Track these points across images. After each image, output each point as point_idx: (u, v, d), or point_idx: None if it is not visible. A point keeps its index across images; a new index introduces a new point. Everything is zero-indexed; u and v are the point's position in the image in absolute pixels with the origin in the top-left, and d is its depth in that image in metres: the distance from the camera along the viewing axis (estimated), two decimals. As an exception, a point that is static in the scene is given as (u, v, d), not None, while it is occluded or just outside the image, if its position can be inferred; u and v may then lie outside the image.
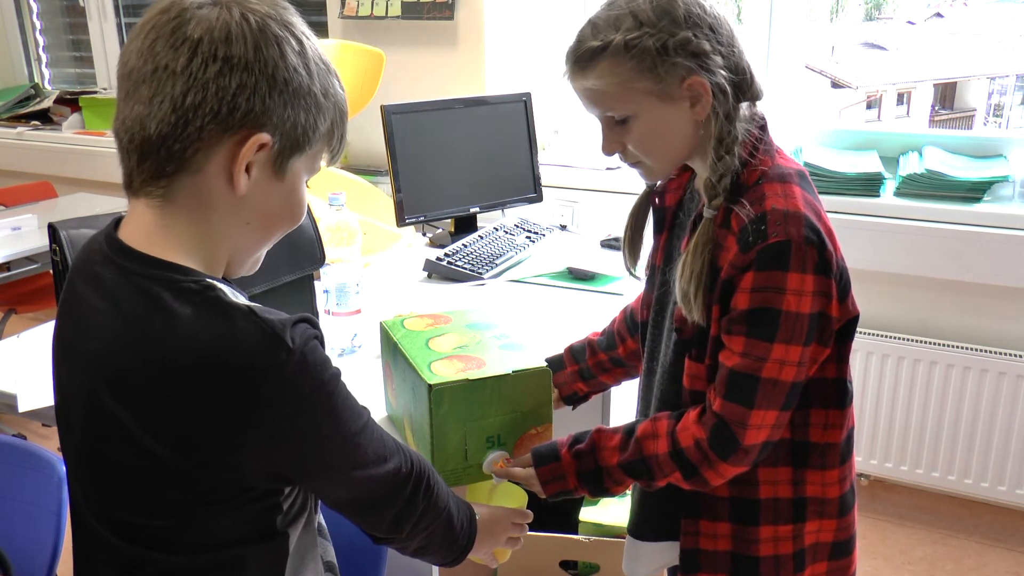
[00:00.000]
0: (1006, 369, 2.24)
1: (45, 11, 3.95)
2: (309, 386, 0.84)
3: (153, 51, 0.81)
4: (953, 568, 2.29)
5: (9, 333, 2.34)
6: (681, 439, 1.11)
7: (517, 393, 1.21)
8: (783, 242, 1.01)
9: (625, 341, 1.44)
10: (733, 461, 1.08)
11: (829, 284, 1.04)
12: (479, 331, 1.32)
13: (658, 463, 1.12)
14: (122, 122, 0.84)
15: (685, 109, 1.06)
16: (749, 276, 1.03)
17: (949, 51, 3.13)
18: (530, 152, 2.43)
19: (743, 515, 1.16)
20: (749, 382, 1.05)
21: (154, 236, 0.87)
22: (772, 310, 1.03)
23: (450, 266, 2.08)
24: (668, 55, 1.03)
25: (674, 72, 1.04)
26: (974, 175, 2.24)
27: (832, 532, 1.18)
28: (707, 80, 1.04)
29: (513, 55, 2.75)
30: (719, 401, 1.08)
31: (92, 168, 3.44)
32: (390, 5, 2.75)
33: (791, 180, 1.07)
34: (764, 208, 1.03)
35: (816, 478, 1.15)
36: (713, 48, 1.04)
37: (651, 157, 1.12)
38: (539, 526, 1.78)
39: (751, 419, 1.05)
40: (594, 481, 1.17)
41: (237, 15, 0.81)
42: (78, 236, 1.32)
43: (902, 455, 2.39)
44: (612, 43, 1.04)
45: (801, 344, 1.04)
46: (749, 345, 1.05)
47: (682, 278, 1.08)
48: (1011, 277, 2.18)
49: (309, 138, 0.88)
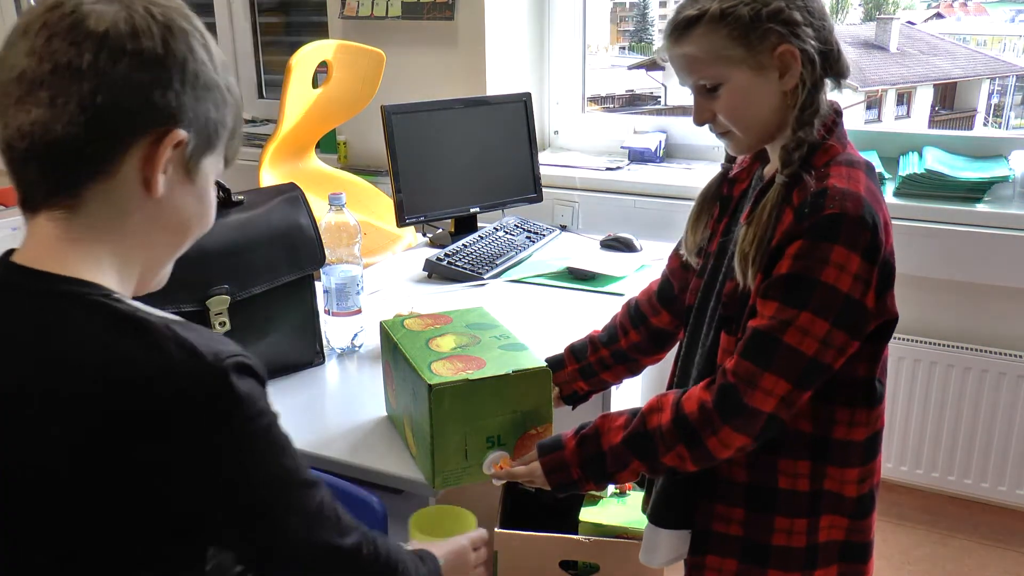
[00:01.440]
0: (1006, 369, 2.24)
1: (45, 11, 3.94)
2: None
3: (50, 49, 0.74)
4: (953, 568, 2.29)
5: (9, 333, 2.33)
6: (685, 406, 1.10)
7: (517, 393, 1.21)
8: (837, 215, 1.03)
9: (628, 333, 1.44)
10: (737, 425, 1.07)
11: (872, 272, 1.05)
12: (479, 331, 1.33)
13: (661, 434, 1.11)
14: (16, 130, 0.75)
15: (774, 80, 1.10)
16: (797, 244, 1.05)
17: (949, 51, 3.13)
18: (530, 152, 2.43)
19: (760, 503, 1.16)
20: (768, 343, 1.05)
21: (58, 252, 0.78)
22: (810, 279, 1.04)
23: (450, 266, 2.08)
24: (761, 23, 1.07)
25: (766, 40, 1.08)
26: (974, 175, 2.24)
27: (844, 530, 1.18)
28: (797, 49, 1.08)
29: (513, 55, 2.75)
30: (735, 359, 1.08)
31: (92, 168, 3.44)
32: (390, 5, 2.75)
33: (858, 167, 1.10)
34: (826, 185, 1.06)
35: (835, 474, 1.15)
36: (804, 19, 1.09)
37: (739, 126, 1.14)
38: (539, 526, 1.78)
39: (762, 380, 1.05)
40: (597, 466, 1.15)
41: (140, 9, 0.76)
42: (78, 236, 1.32)
43: (902, 455, 2.39)
44: (708, 11, 1.09)
45: (829, 322, 1.04)
46: (779, 310, 1.05)
47: (744, 240, 1.10)
48: (1011, 277, 2.18)
49: (219, 134, 0.84)
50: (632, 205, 2.53)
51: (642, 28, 3.39)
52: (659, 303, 1.43)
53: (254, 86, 3.45)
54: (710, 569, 1.21)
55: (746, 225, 1.12)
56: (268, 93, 3.48)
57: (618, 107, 3.31)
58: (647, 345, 1.44)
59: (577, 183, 2.61)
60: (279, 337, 1.52)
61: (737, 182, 1.27)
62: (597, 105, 3.09)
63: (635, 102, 3.39)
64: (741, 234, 1.12)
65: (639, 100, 3.41)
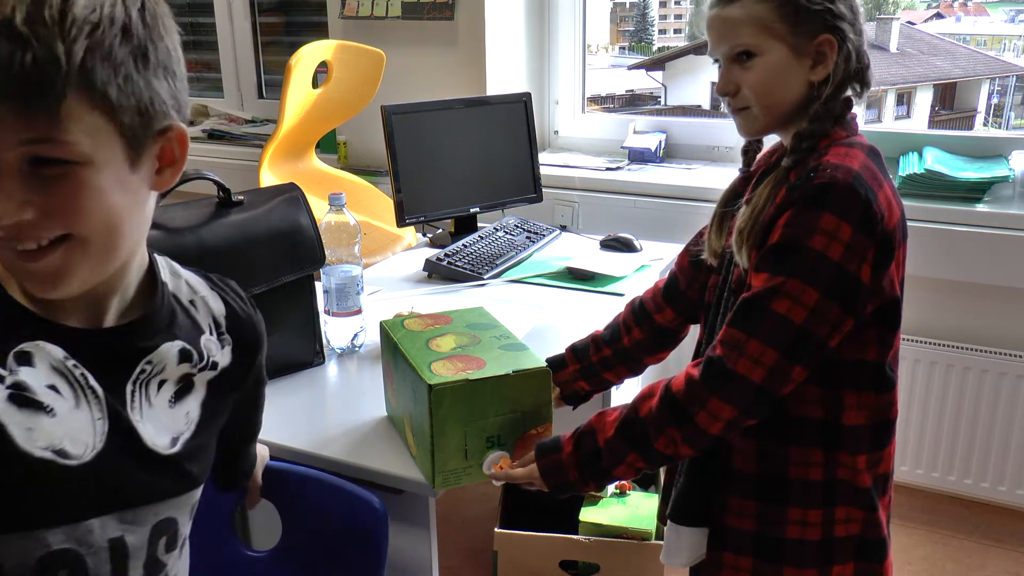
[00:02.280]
0: (1006, 369, 2.24)
1: (45, 11, 3.94)
2: None
3: None
4: (953, 568, 2.29)
5: (9, 333, 2.34)
6: (673, 385, 1.11)
7: (517, 393, 1.21)
8: (825, 183, 1.04)
9: (631, 331, 1.44)
10: (724, 395, 1.06)
11: (867, 245, 1.05)
12: (479, 331, 1.33)
13: (652, 417, 1.11)
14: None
15: (806, 67, 1.12)
16: (787, 214, 1.06)
17: (949, 51, 3.13)
18: (530, 152, 2.43)
19: (771, 494, 1.15)
20: (755, 311, 1.05)
21: None
22: (798, 244, 1.04)
23: (450, 266, 2.08)
24: (813, 6, 1.10)
25: (811, 26, 1.10)
26: (974, 175, 2.24)
27: (860, 524, 1.17)
28: (836, 41, 1.11)
29: (513, 55, 2.75)
30: (723, 330, 1.08)
31: (92, 168, 3.44)
32: (390, 5, 2.75)
33: (857, 148, 1.12)
34: (822, 160, 1.08)
35: (848, 461, 1.14)
36: (850, 17, 1.12)
37: (760, 103, 1.15)
38: (539, 526, 1.78)
39: (748, 347, 1.05)
40: (593, 463, 1.15)
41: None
42: (78, 236, 1.32)
43: (902, 455, 2.39)
44: None
45: (819, 291, 1.03)
46: (768, 279, 1.05)
47: (740, 219, 1.12)
48: (1011, 277, 2.18)
49: None
50: (632, 205, 2.53)
51: (642, 28, 3.38)
52: (664, 300, 1.43)
53: (254, 86, 3.45)
54: (727, 567, 1.20)
55: (745, 204, 1.13)
56: (268, 93, 3.48)
57: (618, 107, 3.30)
58: (650, 343, 1.44)
59: (577, 183, 2.61)
60: (279, 337, 1.52)
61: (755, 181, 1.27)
62: (597, 105, 3.09)
63: (635, 102, 3.39)
64: (740, 214, 1.13)
65: (639, 100, 3.41)
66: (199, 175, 1.44)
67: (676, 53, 3.22)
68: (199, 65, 3.66)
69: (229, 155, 3.16)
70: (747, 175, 1.28)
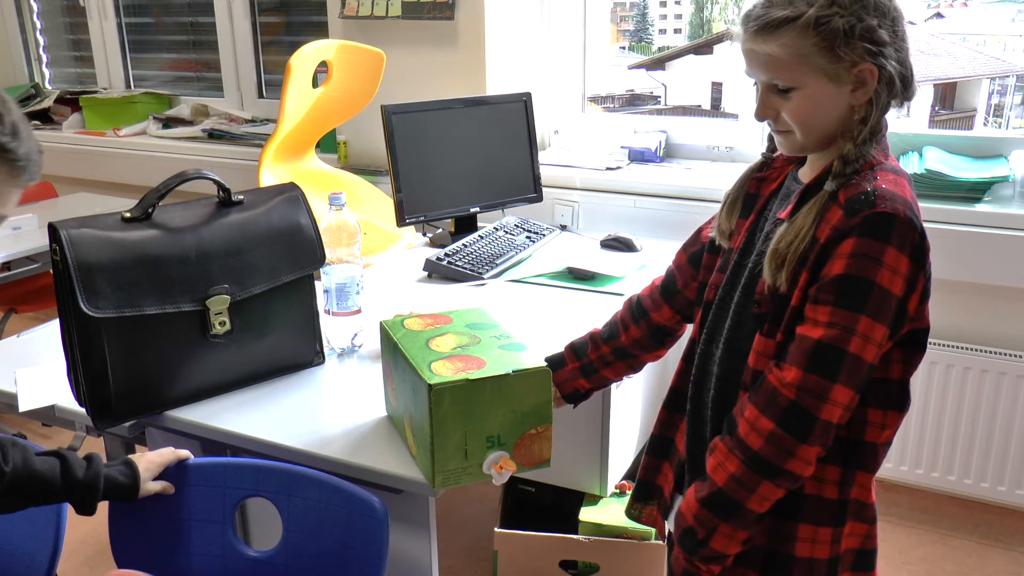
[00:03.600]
0: (1006, 369, 2.24)
1: (45, 11, 3.95)
2: None
3: None
4: (953, 568, 2.29)
5: (9, 333, 2.34)
6: (751, 443, 1.08)
7: (517, 393, 1.21)
8: (889, 214, 1.03)
9: (628, 328, 1.44)
10: (813, 440, 1.05)
11: (919, 276, 1.06)
12: (479, 331, 1.33)
13: (738, 484, 1.09)
14: None
15: (847, 92, 1.10)
16: (849, 242, 1.04)
17: (949, 51, 3.13)
18: (530, 152, 2.43)
19: (784, 509, 1.14)
20: (835, 354, 1.04)
21: None
22: (866, 280, 1.03)
23: (450, 266, 2.08)
24: (852, 38, 1.06)
25: (850, 55, 1.07)
26: (974, 175, 2.24)
27: (860, 538, 1.17)
28: (877, 68, 1.08)
29: (513, 55, 2.75)
30: (797, 373, 1.06)
31: (92, 168, 3.44)
32: (390, 5, 2.75)
33: (903, 177, 1.11)
34: (876, 184, 1.06)
35: (864, 480, 1.14)
36: (891, 40, 1.08)
37: (801, 129, 1.14)
38: (539, 526, 1.78)
39: (832, 393, 1.04)
40: (690, 537, 1.14)
41: None
42: (78, 236, 1.32)
43: (902, 455, 2.39)
44: (803, 16, 1.07)
45: (886, 324, 1.04)
46: (836, 315, 1.04)
47: (779, 240, 1.10)
48: (1011, 277, 2.18)
49: None
50: (632, 205, 2.53)
51: (642, 28, 3.38)
52: (661, 297, 1.43)
53: (254, 86, 3.46)
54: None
55: (786, 223, 1.11)
56: (268, 93, 3.48)
57: (618, 107, 3.30)
58: (647, 340, 1.44)
59: (577, 183, 2.61)
60: (279, 337, 1.52)
61: (766, 181, 1.27)
62: (597, 105, 3.09)
63: (635, 102, 3.39)
64: (779, 233, 1.11)
65: (639, 100, 3.40)
66: (199, 175, 1.44)
67: (676, 53, 3.22)
68: (199, 65, 3.67)
69: (229, 155, 3.16)
70: (761, 166, 1.28)
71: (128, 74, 3.81)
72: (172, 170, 1.44)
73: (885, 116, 1.12)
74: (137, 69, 3.81)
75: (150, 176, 2.33)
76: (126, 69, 3.80)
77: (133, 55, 3.79)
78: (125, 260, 1.34)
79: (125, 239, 1.35)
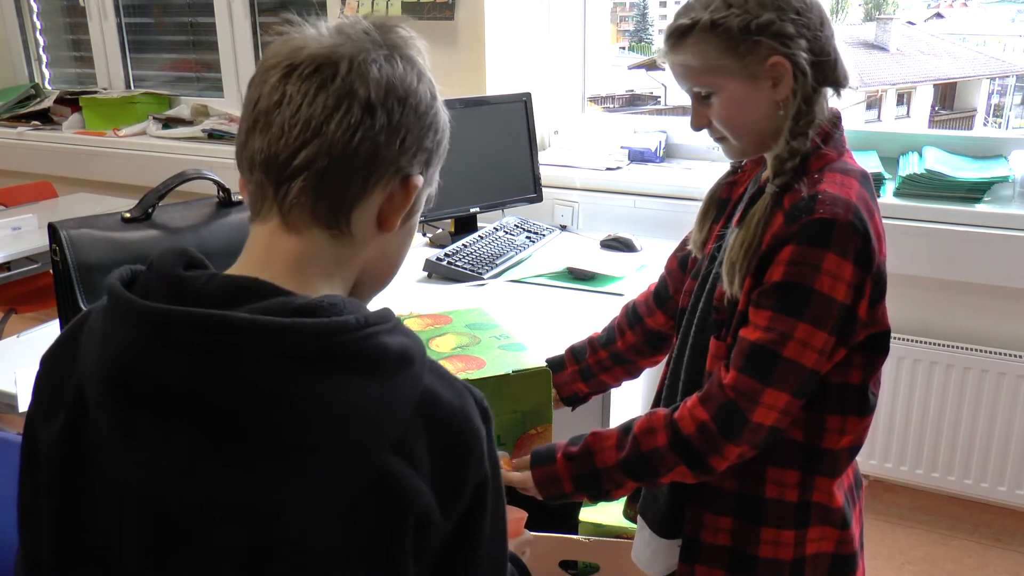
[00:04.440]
0: (1006, 369, 2.24)
1: (45, 11, 3.95)
2: None
3: None
4: (953, 568, 2.28)
5: (9, 333, 2.34)
6: (682, 427, 1.09)
7: (517, 393, 1.21)
8: (828, 220, 1.03)
9: (625, 334, 1.44)
10: (739, 441, 1.07)
11: (865, 280, 1.05)
12: (479, 331, 1.33)
13: (659, 457, 1.11)
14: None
15: (767, 89, 1.09)
16: (788, 249, 1.04)
17: (949, 51, 3.13)
18: (530, 152, 2.43)
19: (747, 512, 1.15)
20: (769, 357, 1.04)
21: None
22: (804, 287, 1.03)
23: (450, 266, 2.08)
24: (750, 35, 1.07)
25: (757, 51, 1.08)
26: (974, 175, 2.24)
27: (833, 542, 1.17)
28: (788, 61, 1.07)
29: (513, 55, 2.75)
30: (733, 374, 1.07)
31: (92, 168, 3.44)
32: (390, 5, 2.75)
33: (852, 175, 1.10)
34: (817, 189, 1.06)
35: (825, 485, 1.14)
36: (797, 31, 1.08)
37: (733, 133, 1.15)
38: (539, 526, 1.77)
39: (764, 397, 1.05)
40: (592, 484, 1.16)
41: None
42: (78, 236, 1.32)
43: (902, 455, 2.39)
44: (700, 22, 1.09)
45: (827, 331, 1.04)
46: (775, 320, 1.04)
47: (732, 249, 1.10)
48: (1011, 277, 2.18)
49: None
50: (632, 205, 2.53)
51: (642, 28, 3.39)
52: (654, 303, 1.43)
53: (254, 86, 3.45)
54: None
55: (736, 231, 1.12)
56: (268, 93, 3.47)
57: (618, 107, 3.31)
58: (643, 346, 1.44)
59: (577, 183, 2.61)
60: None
61: (736, 185, 1.27)
62: (597, 105, 3.09)
63: (635, 102, 3.39)
64: (730, 240, 1.11)
65: (639, 100, 3.41)
66: (199, 175, 1.44)
67: (676, 53, 3.22)
68: (199, 65, 3.66)
69: (229, 155, 3.14)
70: (733, 173, 1.29)
71: (128, 74, 3.80)
72: (172, 170, 1.44)
73: (819, 107, 1.11)
74: (137, 69, 3.80)
75: (150, 176, 2.33)
76: (126, 69, 3.79)
77: (133, 55, 3.79)
78: (125, 260, 1.34)
79: (125, 239, 1.35)
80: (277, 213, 0.75)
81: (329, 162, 0.72)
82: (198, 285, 0.71)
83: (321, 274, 0.75)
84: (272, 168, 0.74)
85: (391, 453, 0.67)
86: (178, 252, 0.75)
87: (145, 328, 0.67)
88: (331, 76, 0.73)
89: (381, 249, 0.80)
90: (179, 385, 0.65)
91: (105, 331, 0.71)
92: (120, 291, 0.70)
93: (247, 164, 0.76)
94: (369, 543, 0.68)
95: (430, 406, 0.71)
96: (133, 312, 0.68)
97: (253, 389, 0.65)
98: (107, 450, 0.70)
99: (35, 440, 0.79)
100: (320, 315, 0.67)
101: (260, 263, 0.76)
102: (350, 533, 0.68)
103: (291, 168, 0.72)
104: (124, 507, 0.70)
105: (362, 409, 0.66)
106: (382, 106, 0.74)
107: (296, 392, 0.65)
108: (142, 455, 0.67)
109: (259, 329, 0.65)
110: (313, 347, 0.66)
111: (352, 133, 0.72)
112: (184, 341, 0.65)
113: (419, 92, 0.78)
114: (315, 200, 0.73)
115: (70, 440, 0.73)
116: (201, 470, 0.66)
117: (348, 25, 0.77)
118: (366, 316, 0.68)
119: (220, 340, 0.65)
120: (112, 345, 0.69)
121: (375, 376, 0.67)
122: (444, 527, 0.71)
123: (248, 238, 0.79)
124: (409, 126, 0.76)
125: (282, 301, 0.68)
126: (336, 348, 0.66)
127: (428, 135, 0.79)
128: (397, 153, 0.75)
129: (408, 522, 0.68)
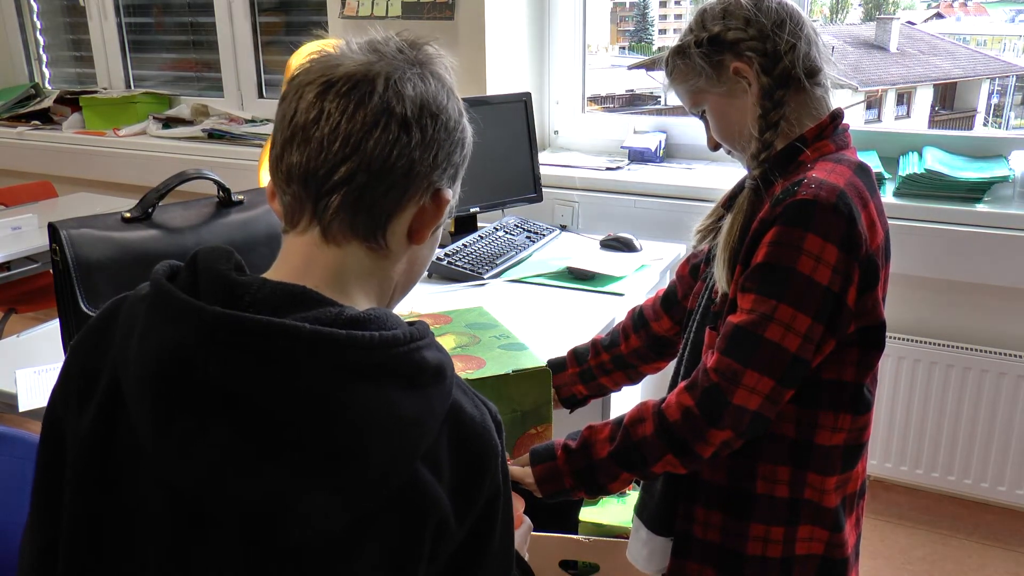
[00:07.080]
0: (1006, 369, 2.24)
1: (45, 11, 3.95)
2: None
3: None
4: (953, 568, 2.29)
5: (9, 333, 2.34)
6: (668, 415, 1.10)
7: (517, 393, 1.21)
8: (809, 201, 1.03)
9: (629, 338, 1.44)
10: (722, 425, 1.06)
11: (852, 266, 1.04)
12: (479, 331, 1.33)
13: (648, 445, 1.11)
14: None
15: (743, 95, 1.14)
16: (772, 231, 1.05)
17: (949, 51, 3.13)
18: (530, 152, 2.43)
19: (736, 508, 1.15)
20: (749, 339, 1.04)
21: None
22: (783, 267, 1.03)
23: (450, 266, 2.08)
24: (702, 48, 1.13)
25: (719, 64, 1.14)
26: (974, 175, 2.24)
27: (823, 544, 1.16)
28: (748, 65, 1.11)
29: (513, 55, 2.75)
30: (715, 357, 1.07)
31: (92, 168, 3.44)
32: (390, 5, 2.75)
33: (846, 165, 1.11)
34: (807, 174, 1.07)
35: (816, 482, 1.14)
36: (748, 36, 1.12)
37: (729, 143, 1.19)
38: (539, 526, 1.77)
39: (744, 378, 1.04)
40: (588, 478, 1.16)
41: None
42: (78, 236, 1.32)
43: (902, 455, 2.39)
44: (670, 51, 1.20)
45: (810, 316, 1.03)
46: (757, 302, 1.05)
47: (723, 236, 1.12)
48: (1011, 277, 2.18)
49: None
50: (632, 205, 2.53)
51: (642, 28, 3.39)
52: (661, 307, 1.43)
53: (254, 86, 3.45)
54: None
55: (726, 224, 1.13)
56: (268, 93, 3.48)
57: (618, 107, 3.30)
58: (646, 351, 1.44)
59: (577, 183, 2.61)
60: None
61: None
62: (597, 105, 3.09)
63: (635, 102, 3.39)
64: (722, 233, 1.13)
65: (639, 100, 3.41)
66: (199, 175, 1.44)
67: (676, 53, 3.22)
68: (199, 65, 3.67)
69: (229, 155, 3.16)
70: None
71: (128, 74, 3.81)
72: (172, 170, 1.44)
73: (803, 102, 1.13)
74: (137, 69, 3.81)
75: (150, 176, 2.33)
76: (126, 69, 3.80)
77: (133, 55, 3.79)
78: (125, 260, 1.34)
79: (125, 239, 1.35)
80: (317, 225, 0.77)
81: (368, 178, 0.74)
82: (252, 290, 0.72)
83: (357, 285, 0.78)
84: (311, 182, 0.75)
85: (420, 462, 0.70)
86: (225, 253, 0.76)
87: (201, 329, 0.68)
88: (368, 93, 0.74)
89: (411, 260, 0.82)
90: (228, 387, 0.66)
91: (149, 326, 0.71)
92: (171, 289, 0.71)
93: (283, 176, 0.78)
94: (391, 546, 0.70)
95: (456, 419, 0.73)
96: (188, 312, 0.68)
97: (309, 396, 0.66)
98: (142, 444, 0.71)
99: (57, 425, 0.80)
100: (369, 328, 0.69)
101: (300, 272, 0.77)
102: (375, 535, 0.70)
103: (331, 183, 0.74)
104: (155, 501, 0.71)
105: (404, 419, 0.69)
106: (417, 123, 0.76)
107: (349, 401, 0.67)
108: (180, 452, 0.68)
109: (319, 339, 0.67)
110: (368, 359, 0.68)
111: (390, 149, 0.74)
112: (241, 345, 0.66)
113: (449, 109, 0.80)
114: (354, 214, 0.75)
115: (101, 432, 0.74)
116: (241, 471, 0.67)
117: (380, 43, 0.79)
118: (410, 331, 0.71)
119: (279, 346, 0.66)
120: (157, 342, 0.69)
121: (416, 388, 0.70)
122: (458, 535, 0.73)
123: (283, 247, 0.81)
124: (441, 142, 0.78)
125: (331, 312, 0.70)
126: (388, 361, 0.69)
127: (457, 150, 0.81)
128: (430, 168, 0.77)
129: (428, 528, 0.71)
